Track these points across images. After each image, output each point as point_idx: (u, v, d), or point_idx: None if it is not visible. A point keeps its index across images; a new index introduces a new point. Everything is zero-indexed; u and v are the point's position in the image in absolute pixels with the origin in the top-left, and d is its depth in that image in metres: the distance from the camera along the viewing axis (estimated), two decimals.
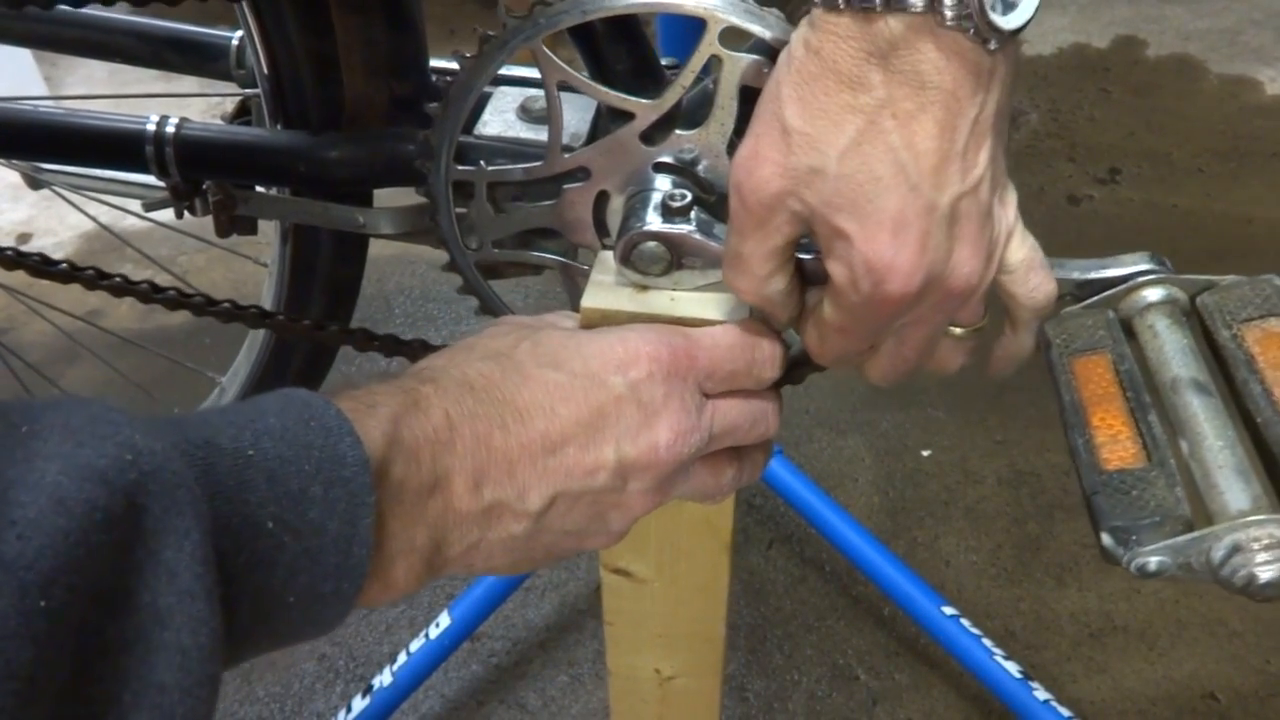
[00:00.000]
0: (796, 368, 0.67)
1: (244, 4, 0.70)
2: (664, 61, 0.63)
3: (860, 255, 0.42)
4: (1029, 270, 0.47)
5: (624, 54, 0.60)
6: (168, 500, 0.32)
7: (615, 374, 0.46)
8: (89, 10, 0.79)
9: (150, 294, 0.72)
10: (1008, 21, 0.38)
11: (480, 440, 0.43)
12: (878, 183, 0.41)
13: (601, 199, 0.61)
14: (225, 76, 0.85)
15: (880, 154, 0.41)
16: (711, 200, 0.58)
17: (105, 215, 1.25)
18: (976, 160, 0.42)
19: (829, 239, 0.44)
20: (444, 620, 1.23)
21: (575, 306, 0.55)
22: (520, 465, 0.44)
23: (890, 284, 0.42)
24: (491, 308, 0.70)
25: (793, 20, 0.53)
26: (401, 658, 1.22)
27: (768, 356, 0.51)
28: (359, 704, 1.21)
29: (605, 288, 0.55)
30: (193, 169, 0.73)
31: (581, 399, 0.45)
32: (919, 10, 0.37)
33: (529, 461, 0.44)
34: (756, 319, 0.52)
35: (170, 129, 0.72)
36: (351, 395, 0.42)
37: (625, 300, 0.54)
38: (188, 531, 0.32)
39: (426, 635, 1.23)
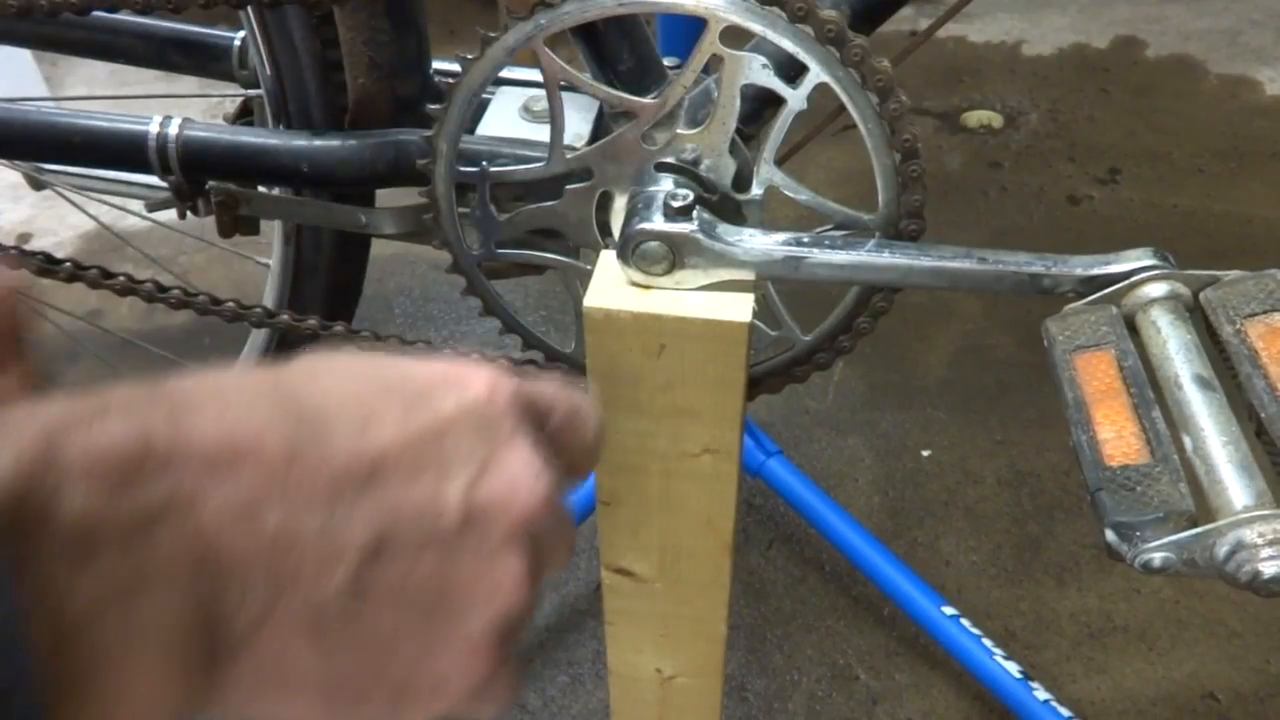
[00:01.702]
0: (797, 366, 0.67)
1: (248, 7, 0.70)
2: (665, 61, 0.63)
3: None
4: None
5: (626, 54, 0.61)
6: None
7: (443, 390, 0.33)
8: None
9: (155, 293, 0.72)
10: None
11: (249, 454, 0.28)
12: None
13: (604, 199, 0.61)
14: (228, 77, 0.85)
15: None
16: (714, 200, 0.59)
17: (105, 215, 1.25)
18: None
19: None
20: None
21: (578, 306, 0.55)
22: (321, 488, 0.29)
23: None
24: (494, 309, 0.70)
25: (793, 19, 0.53)
26: None
27: (589, 416, 0.39)
28: None
29: (608, 287, 0.55)
30: (196, 170, 0.73)
31: (401, 417, 0.32)
32: None
33: (336, 486, 0.29)
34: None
35: (173, 130, 0.72)
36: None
37: (628, 300, 0.54)
38: None
39: None
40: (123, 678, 0.25)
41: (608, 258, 0.57)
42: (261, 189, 0.78)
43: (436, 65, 0.75)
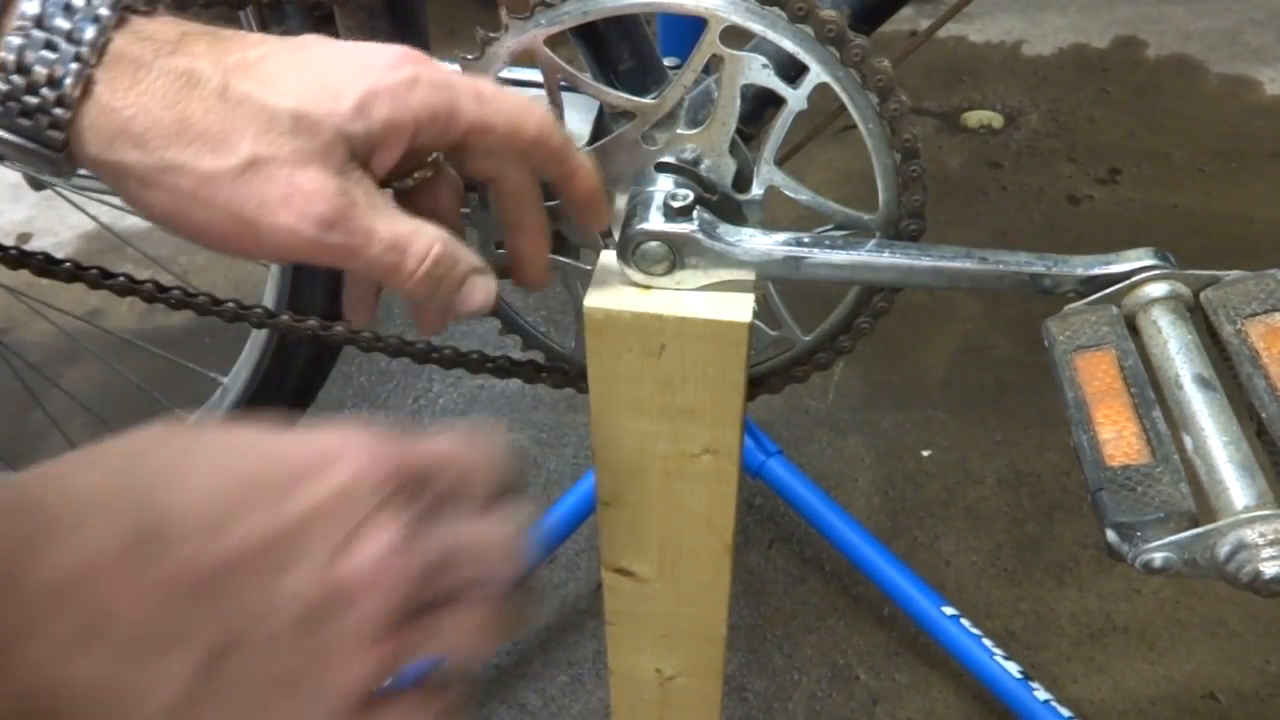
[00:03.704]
0: (797, 366, 0.67)
1: (248, 8, 0.70)
2: (665, 61, 0.63)
3: None
4: None
5: (626, 54, 0.61)
6: None
7: (313, 476, 0.34)
8: None
9: (155, 293, 0.72)
10: None
11: (85, 583, 0.29)
12: None
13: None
14: None
15: None
16: (714, 199, 0.59)
17: (105, 215, 1.25)
18: None
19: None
20: None
21: (578, 306, 0.55)
22: (155, 611, 0.30)
23: None
24: (494, 309, 0.70)
25: (793, 19, 0.53)
26: None
27: (486, 467, 0.39)
28: None
29: (608, 288, 0.55)
30: None
31: (261, 512, 0.32)
32: None
33: (173, 604, 0.30)
34: None
35: None
36: None
37: (628, 300, 0.54)
38: None
39: None
40: None
41: (608, 258, 0.57)
42: None
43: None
